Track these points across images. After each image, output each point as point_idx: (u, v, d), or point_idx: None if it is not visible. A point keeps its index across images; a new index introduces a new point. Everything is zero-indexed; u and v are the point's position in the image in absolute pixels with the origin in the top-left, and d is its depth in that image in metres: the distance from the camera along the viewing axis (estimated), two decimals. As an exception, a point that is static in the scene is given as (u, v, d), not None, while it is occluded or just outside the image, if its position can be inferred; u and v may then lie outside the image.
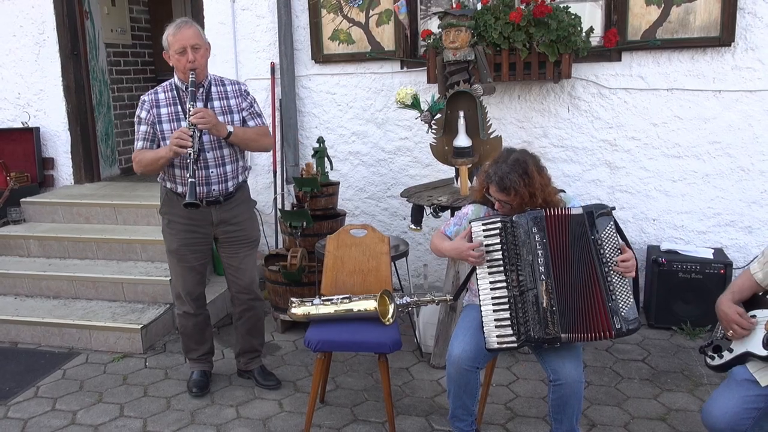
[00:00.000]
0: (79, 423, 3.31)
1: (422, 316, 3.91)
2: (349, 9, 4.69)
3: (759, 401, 2.50)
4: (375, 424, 3.22)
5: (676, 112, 4.25)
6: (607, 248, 2.54)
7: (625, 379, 3.59)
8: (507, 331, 2.56)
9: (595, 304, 2.52)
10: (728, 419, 2.52)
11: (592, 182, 4.48)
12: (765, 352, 2.44)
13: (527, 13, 4.05)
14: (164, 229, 3.40)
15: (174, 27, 3.10)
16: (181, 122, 3.18)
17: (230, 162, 3.29)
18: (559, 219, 2.57)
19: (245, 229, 3.43)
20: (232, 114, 3.28)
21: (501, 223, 2.59)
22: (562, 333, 2.51)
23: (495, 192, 2.65)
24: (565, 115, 4.45)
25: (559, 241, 2.56)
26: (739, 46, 4.06)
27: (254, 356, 3.63)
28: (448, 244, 2.76)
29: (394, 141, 4.83)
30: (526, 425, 3.17)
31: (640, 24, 4.18)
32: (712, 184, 4.28)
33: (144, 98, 3.23)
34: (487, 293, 2.60)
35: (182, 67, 3.12)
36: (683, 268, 4.04)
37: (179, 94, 3.22)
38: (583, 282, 2.54)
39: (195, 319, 3.52)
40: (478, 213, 2.81)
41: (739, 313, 2.53)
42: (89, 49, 5.67)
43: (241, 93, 3.33)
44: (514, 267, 2.58)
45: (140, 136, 3.23)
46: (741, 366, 2.56)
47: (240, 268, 3.43)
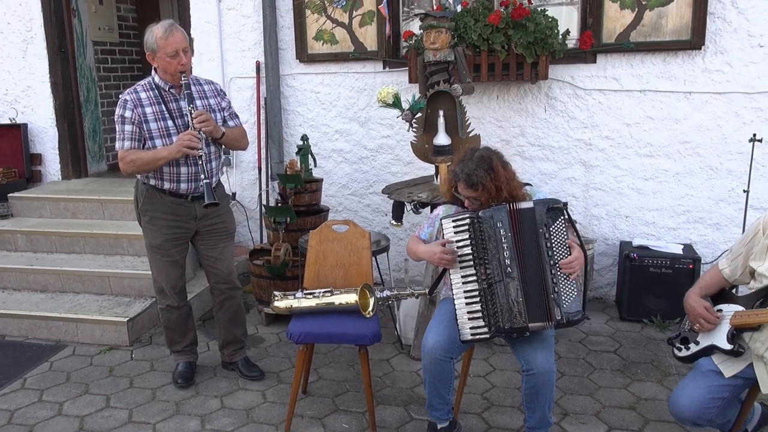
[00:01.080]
0: (66, 414, 3.30)
1: (402, 309, 3.94)
2: (333, 10, 4.69)
3: (723, 391, 2.55)
4: (356, 413, 3.24)
5: (649, 113, 4.30)
6: (555, 242, 2.55)
7: (597, 369, 3.63)
8: (479, 323, 2.59)
9: (541, 294, 2.55)
10: (694, 408, 2.57)
11: (567, 180, 4.53)
12: (729, 345, 2.49)
13: (506, 16, 4.07)
14: (145, 225, 3.37)
15: (163, 30, 3.05)
16: (167, 121, 3.16)
17: (215, 159, 3.32)
18: (518, 213, 2.59)
19: (225, 221, 3.45)
20: (214, 113, 3.28)
21: (469, 219, 2.62)
22: (530, 323, 2.55)
23: (463, 189, 2.67)
24: (542, 115, 4.49)
25: (520, 234, 2.58)
26: (709, 49, 4.12)
27: (238, 347, 3.63)
28: (422, 248, 2.78)
29: (376, 139, 4.85)
30: (502, 414, 3.21)
31: (614, 27, 4.22)
32: (682, 182, 4.34)
33: (126, 98, 3.15)
34: (459, 287, 2.63)
35: (172, 69, 3.10)
36: (654, 263, 4.08)
37: (161, 93, 3.19)
38: (535, 273, 2.57)
39: (178, 312, 3.52)
40: (448, 211, 2.82)
41: (705, 307, 2.58)
42: (77, 47, 5.62)
43: (218, 92, 3.36)
44: (482, 261, 2.60)
45: (126, 136, 3.16)
46: (707, 358, 2.61)
47: (219, 258, 3.44)
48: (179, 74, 3.11)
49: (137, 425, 3.18)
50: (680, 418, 2.64)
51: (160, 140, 3.15)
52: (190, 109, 3.11)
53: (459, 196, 2.73)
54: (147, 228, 3.37)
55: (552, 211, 2.58)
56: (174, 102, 3.20)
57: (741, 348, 2.47)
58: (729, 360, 2.53)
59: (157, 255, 3.38)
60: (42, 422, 3.22)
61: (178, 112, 3.19)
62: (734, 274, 2.61)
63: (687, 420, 2.62)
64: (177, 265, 3.43)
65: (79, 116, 5.68)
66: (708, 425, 2.66)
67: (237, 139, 3.41)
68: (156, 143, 3.15)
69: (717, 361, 2.57)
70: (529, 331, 2.57)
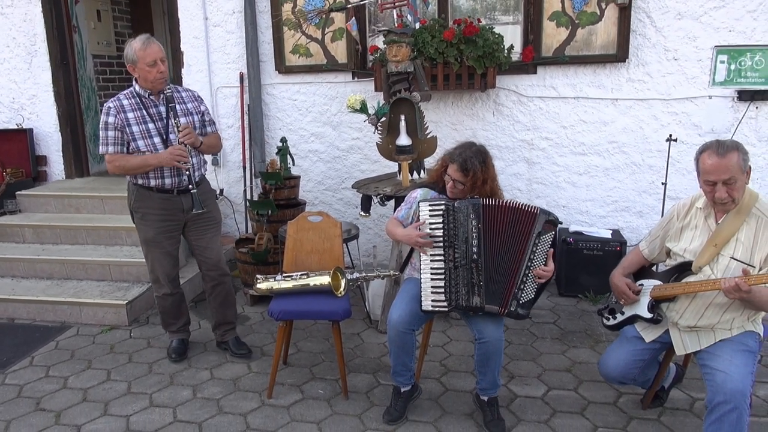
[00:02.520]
0: (70, 387, 3.23)
1: (371, 290, 3.93)
2: (308, 27, 4.64)
3: (644, 354, 2.60)
4: (330, 381, 3.23)
5: (582, 117, 4.35)
6: (540, 250, 2.55)
7: (539, 338, 3.67)
8: (440, 297, 2.60)
9: (507, 286, 2.56)
10: (620, 369, 2.62)
11: (513, 176, 4.56)
12: (649, 314, 2.55)
13: (458, 33, 4.07)
14: (138, 222, 3.29)
15: (141, 43, 3.00)
16: (147, 124, 3.09)
17: (194, 155, 3.21)
18: (497, 209, 2.57)
19: (212, 212, 3.37)
20: (193, 116, 3.22)
21: (445, 206, 2.60)
22: (486, 304, 2.56)
23: (454, 171, 2.65)
24: (490, 119, 4.51)
25: (493, 228, 2.57)
26: (632, 62, 4.17)
27: (229, 328, 3.55)
28: (400, 231, 2.74)
29: (347, 141, 4.82)
30: (457, 378, 3.23)
31: (552, 43, 4.25)
32: (611, 176, 4.40)
33: (109, 105, 3.08)
34: (427, 264, 2.62)
35: (152, 78, 3.03)
36: (587, 246, 4.14)
37: (142, 101, 3.11)
38: (508, 265, 2.57)
39: (172, 298, 3.45)
40: (426, 195, 2.81)
41: (627, 284, 2.62)
42: (77, 59, 5.47)
43: (196, 98, 3.29)
44: (452, 244, 2.59)
45: (110, 141, 3.08)
46: (630, 326, 2.67)
47: (208, 247, 3.37)
48: (159, 81, 3.05)
49: (135, 395, 3.13)
50: (608, 378, 2.69)
51: (142, 141, 3.08)
52: (176, 122, 3.06)
53: (445, 177, 2.70)
54: (140, 224, 3.29)
55: (548, 223, 2.55)
56: (154, 107, 3.12)
57: (659, 316, 2.53)
58: (649, 327, 2.59)
59: (152, 248, 3.30)
60: (49, 395, 3.15)
61: (158, 116, 3.12)
62: (652, 254, 2.66)
63: (614, 379, 2.68)
64: (170, 256, 3.35)
65: (81, 122, 5.53)
66: (631, 383, 2.72)
67: (212, 145, 3.37)
68: (138, 144, 3.08)
69: (639, 329, 2.62)
70: (484, 311, 2.58)
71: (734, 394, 2.17)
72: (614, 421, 2.80)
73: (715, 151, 2.25)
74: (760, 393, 2.98)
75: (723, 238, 2.33)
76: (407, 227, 2.73)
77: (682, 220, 2.50)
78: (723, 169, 2.23)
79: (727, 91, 4.06)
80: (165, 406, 3.02)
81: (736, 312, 2.35)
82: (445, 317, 3.89)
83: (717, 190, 2.26)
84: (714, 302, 2.36)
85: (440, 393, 3.08)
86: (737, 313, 2.35)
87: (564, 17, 4.18)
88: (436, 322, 3.69)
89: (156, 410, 2.99)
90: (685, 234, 2.48)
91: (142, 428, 2.84)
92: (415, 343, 2.75)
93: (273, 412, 2.95)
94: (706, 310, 2.38)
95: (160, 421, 2.89)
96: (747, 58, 3.98)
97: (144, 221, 3.26)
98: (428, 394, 3.05)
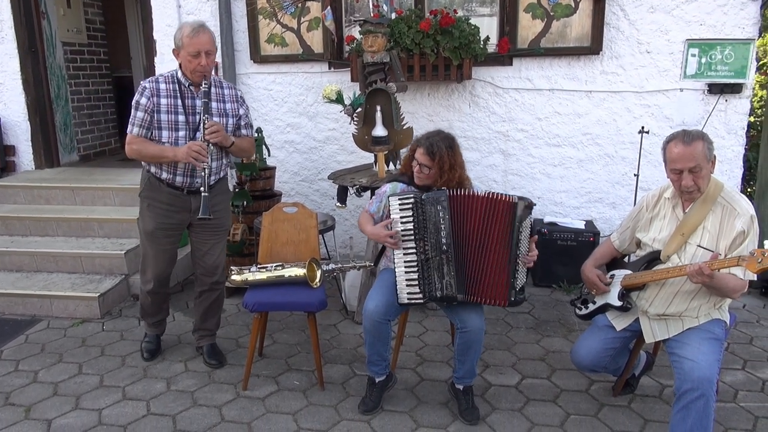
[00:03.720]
0: (41, 381, 3.17)
1: (347, 281, 3.93)
2: (283, 15, 4.59)
3: (615, 342, 2.65)
4: (306, 372, 3.22)
5: (556, 109, 4.38)
6: (524, 236, 2.55)
7: (514, 328, 3.71)
8: (415, 289, 2.61)
9: (499, 277, 2.55)
10: (592, 357, 2.66)
11: (489, 167, 4.59)
12: (619, 303, 2.59)
13: (435, 23, 4.07)
14: (143, 211, 3.11)
15: (191, 29, 2.83)
16: (178, 115, 2.91)
17: (216, 159, 3.03)
18: (466, 200, 2.57)
19: (219, 218, 3.17)
20: (227, 117, 3.03)
21: (414, 199, 2.60)
22: (458, 294, 2.57)
23: (421, 155, 2.65)
24: (466, 110, 4.52)
25: (466, 219, 2.57)
26: (606, 54, 4.22)
27: (205, 334, 3.41)
28: (369, 229, 2.74)
29: (323, 131, 4.79)
30: (433, 368, 3.25)
31: (527, 35, 4.27)
32: (585, 168, 4.45)
33: (145, 85, 2.90)
34: (400, 257, 2.63)
35: (192, 68, 2.86)
36: (561, 237, 4.19)
37: (180, 89, 2.92)
38: (489, 256, 2.55)
39: (156, 297, 3.30)
40: (395, 189, 2.81)
41: (598, 276, 2.67)
42: (46, 47, 5.33)
43: (237, 99, 3.09)
44: (422, 237, 2.60)
45: (137, 122, 2.88)
46: (602, 315, 2.71)
47: (208, 253, 3.20)
48: (197, 74, 2.87)
49: (108, 388, 3.08)
50: (580, 366, 2.73)
51: (167, 132, 2.90)
52: (205, 118, 2.86)
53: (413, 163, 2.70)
54: (144, 213, 3.11)
55: (528, 209, 2.55)
56: (191, 99, 2.93)
57: (629, 304, 2.57)
58: (620, 316, 2.63)
59: (149, 240, 3.13)
60: (18, 389, 3.08)
61: (192, 109, 2.93)
62: (623, 245, 2.70)
63: (586, 367, 2.72)
64: (165, 254, 3.17)
65: (51, 111, 5.40)
66: (603, 371, 2.77)
67: (244, 149, 3.16)
68: (162, 134, 2.90)
69: (610, 317, 2.66)
70: (457, 301, 2.59)
71: (701, 382, 2.22)
72: (586, 409, 2.85)
73: (682, 140, 2.30)
74: (726, 379, 3.06)
75: (690, 226, 2.38)
76: (377, 224, 2.74)
77: (651, 210, 2.55)
78: (689, 157, 2.28)
79: (697, 84, 4.13)
80: (138, 399, 2.99)
81: (703, 299, 2.41)
82: (422, 308, 3.91)
83: (683, 178, 2.31)
84: (682, 290, 2.41)
85: (416, 383, 3.10)
86: (704, 300, 2.41)
87: (539, 9, 4.20)
88: (412, 313, 3.70)
89: (129, 403, 2.95)
90: (654, 224, 2.53)
91: (114, 422, 2.80)
92: (391, 333, 2.76)
93: (248, 403, 2.93)
94: (674, 297, 2.44)
95: (133, 415, 2.85)
96: (717, 51, 4.05)
97: (148, 211, 3.08)
98: (404, 384, 3.07)
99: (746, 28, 3.99)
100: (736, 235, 2.32)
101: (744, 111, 4.13)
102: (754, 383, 3.04)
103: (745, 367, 3.20)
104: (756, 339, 3.51)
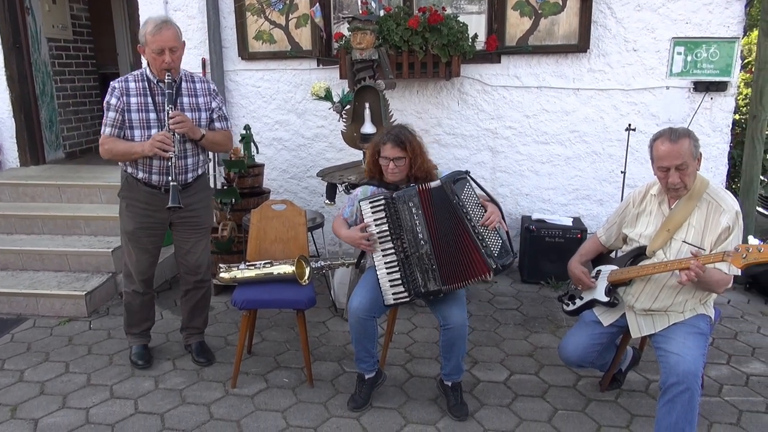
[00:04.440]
0: (27, 380, 3.14)
1: (336, 278, 3.93)
2: (271, 12, 4.57)
3: (602, 337, 2.67)
4: (295, 369, 3.22)
5: (544, 106, 4.41)
6: (470, 206, 2.56)
7: (502, 324, 3.73)
8: (400, 289, 2.61)
9: (471, 254, 2.55)
10: (579, 353, 2.68)
11: (477, 164, 4.60)
12: (606, 298, 2.61)
13: (423, 21, 4.07)
14: (122, 211, 3.07)
15: (154, 26, 2.76)
16: (149, 113, 2.87)
17: (191, 156, 3.00)
18: (429, 192, 2.59)
19: (200, 216, 3.15)
20: (200, 112, 2.99)
21: (384, 200, 2.61)
22: (443, 286, 2.57)
23: (390, 149, 2.63)
24: (455, 107, 4.53)
25: (431, 211, 2.58)
26: (593, 52, 4.24)
27: (193, 333, 3.38)
28: (344, 233, 2.75)
29: (312, 129, 4.78)
30: (422, 365, 3.26)
31: (515, 32, 4.28)
32: (572, 165, 4.48)
33: (114, 85, 2.86)
34: (380, 259, 2.63)
35: (158, 66, 2.82)
36: (549, 234, 4.21)
37: (150, 86, 2.88)
38: (457, 239, 2.56)
39: (142, 298, 3.24)
40: (366, 192, 2.79)
41: (583, 272, 2.69)
42: (31, 43, 5.27)
43: (210, 92, 3.04)
44: (398, 235, 2.60)
45: (109, 122, 2.86)
46: (589, 310, 2.73)
47: (190, 252, 3.17)
48: (163, 72, 2.82)
49: (95, 387, 3.06)
50: (568, 361, 2.75)
51: (139, 131, 2.86)
52: (168, 108, 2.80)
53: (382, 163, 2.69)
54: (123, 213, 3.07)
55: (458, 182, 2.59)
56: (161, 95, 2.87)
57: (616, 300, 2.60)
58: (607, 311, 2.65)
59: (130, 241, 3.08)
60: (4, 388, 3.05)
61: (163, 106, 2.86)
62: (609, 240, 2.73)
63: (573, 363, 2.74)
64: (148, 254, 3.13)
65: (36, 108, 5.34)
66: (590, 366, 2.79)
67: (218, 143, 3.09)
68: (134, 133, 2.86)
69: (597, 313, 2.68)
70: (442, 293, 2.60)
71: (687, 376, 2.24)
72: (574, 404, 2.87)
73: (668, 138, 2.32)
74: (711, 374, 3.10)
75: (676, 223, 2.41)
76: (351, 228, 2.73)
77: (638, 206, 2.58)
78: (675, 154, 2.30)
79: (683, 82, 4.17)
80: (126, 397, 2.97)
81: (689, 294, 2.43)
82: (410, 305, 3.91)
83: (670, 175, 2.34)
84: (667, 285, 2.44)
85: (405, 379, 3.11)
86: (689, 295, 2.43)
87: (527, 7, 4.21)
88: (401, 310, 3.71)
89: (117, 402, 2.93)
90: (640, 220, 2.56)
91: (102, 420, 2.78)
92: (377, 330, 2.77)
93: (237, 401, 2.93)
94: (660, 292, 2.46)
95: (121, 413, 2.84)
96: (702, 50, 4.09)
97: (127, 211, 3.05)
98: (393, 381, 3.07)
99: (731, 26, 4.03)
100: (721, 231, 2.34)
101: (729, 109, 4.17)
102: (739, 378, 3.08)
103: (730, 361, 3.24)
104: (740, 334, 3.56)
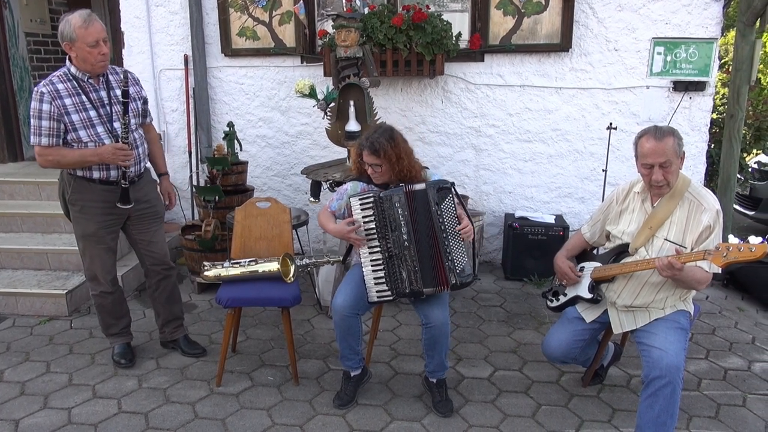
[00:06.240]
0: (7, 380, 3.08)
1: (321, 275, 3.91)
2: (254, 8, 4.53)
3: (585, 333, 2.70)
4: (280, 367, 3.21)
5: (527, 105, 4.43)
6: (447, 217, 2.58)
7: (486, 321, 3.75)
8: (384, 287, 2.62)
9: (438, 263, 2.58)
10: (562, 349, 2.70)
11: (461, 162, 4.62)
12: (589, 294, 2.64)
13: (407, 19, 4.07)
14: (76, 216, 2.98)
15: (82, 20, 2.69)
16: (89, 111, 2.79)
17: (140, 144, 3.02)
18: (413, 194, 2.61)
19: (155, 205, 3.15)
20: (134, 102, 2.95)
21: (374, 198, 2.62)
22: (424, 288, 2.59)
23: (367, 156, 2.65)
24: (439, 105, 4.54)
25: (415, 212, 2.60)
26: (575, 51, 4.28)
27: (178, 325, 3.36)
28: (332, 227, 2.75)
29: (296, 126, 4.76)
30: (407, 362, 3.26)
31: (499, 31, 4.30)
32: (555, 163, 4.51)
33: (42, 90, 2.72)
34: (366, 257, 2.65)
35: (93, 60, 2.73)
36: (532, 231, 4.24)
37: (80, 84, 2.79)
38: (430, 245, 2.59)
39: (112, 297, 3.17)
40: (356, 189, 2.80)
41: (569, 267, 2.71)
42: (8, 37, 5.16)
43: (137, 81, 3.01)
44: (384, 235, 2.62)
45: (44, 131, 2.74)
46: (572, 307, 2.75)
47: (153, 241, 3.16)
48: (101, 64, 2.76)
49: (77, 387, 3.02)
50: (551, 357, 2.77)
51: (84, 131, 2.79)
52: (125, 121, 2.82)
53: (366, 166, 2.70)
54: (78, 218, 2.98)
55: (441, 190, 2.60)
56: (94, 92, 2.81)
57: (599, 296, 2.62)
58: (590, 308, 2.68)
59: (92, 243, 3.01)
60: (-17, 389, 3.00)
61: (100, 102, 2.82)
62: (593, 237, 2.75)
63: (556, 359, 2.76)
64: (111, 252, 3.08)
65: (14, 104, 5.24)
66: (573, 362, 2.82)
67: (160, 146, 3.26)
68: (80, 134, 2.78)
69: (580, 309, 2.71)
70: (424, 295, 2.61)
71: (669, 369, 2.28)
72: (557, 399, 2.90)
73: (653, 136, 2.36)
74: (690, 368, 3.15)
75: (658, 220, 2.44)
76: (339, 222, 2.74)
77: (621, 204, 2.61)
78: (660, 152, 2.33)
79: (663, 81, 4.22)
80: (109, 397, 2.93)
81: (669, 291, 2.47)
82: (395, 302, 3.91)
83: (654, 173, 2.37)
84: (649, 282, 2.47)
85: (390, 376, 3.11)
86: (670, 292, 2.47)
87: (510, 6, 4.23)
88: (385, 307, 3.71)
89: (99, 402, 2.89)
90: (623, 217, 2.59)
91: (85, 420, 2.75)
92: (361, 327, 2.77)
93: (222, 400, 2.91)
94: (641, 289, 2.49)
95: (104, 413, 2.80)
96: (682, 50, 4.15)
97: (83, 214, 2.97)
98: (378, 378, 3.08)
99: (709, 27, 4.09)
100: (702, 229, 2.38)
101: (707, 108, 4.24)
102: (717, 372, 3.14)
103: (708, 356, 3.30)
104: (718, 329, 3.62)
